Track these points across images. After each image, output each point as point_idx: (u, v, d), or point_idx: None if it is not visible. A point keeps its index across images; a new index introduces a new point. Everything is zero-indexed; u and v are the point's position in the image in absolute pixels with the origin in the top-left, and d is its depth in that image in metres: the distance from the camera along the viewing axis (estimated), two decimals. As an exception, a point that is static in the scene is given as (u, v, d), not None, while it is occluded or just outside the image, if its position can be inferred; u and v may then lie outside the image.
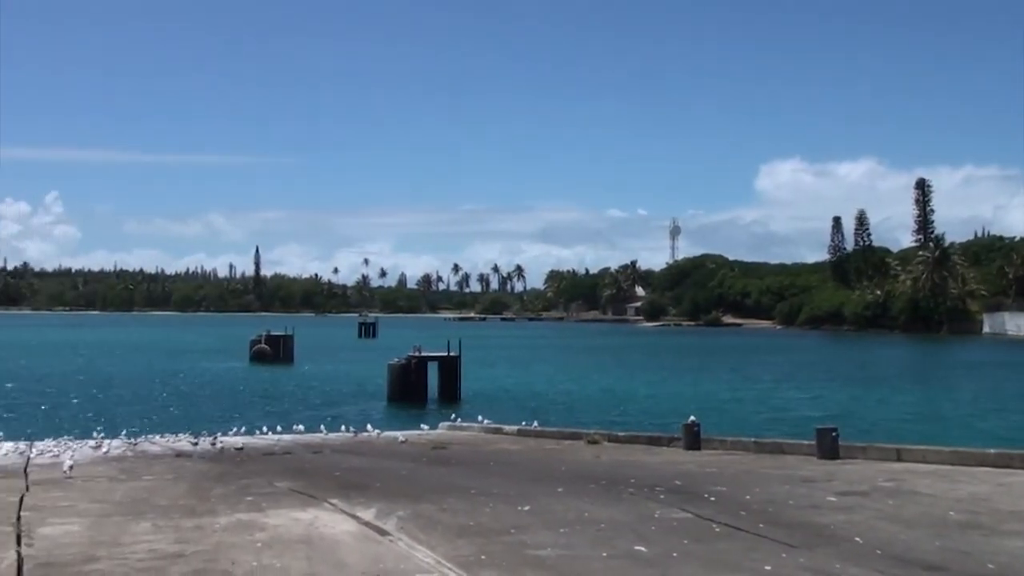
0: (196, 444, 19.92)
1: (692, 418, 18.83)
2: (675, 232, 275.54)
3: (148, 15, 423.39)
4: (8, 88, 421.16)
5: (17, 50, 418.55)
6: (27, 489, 13.20)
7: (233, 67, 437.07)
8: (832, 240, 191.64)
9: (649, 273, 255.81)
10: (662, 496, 12.16)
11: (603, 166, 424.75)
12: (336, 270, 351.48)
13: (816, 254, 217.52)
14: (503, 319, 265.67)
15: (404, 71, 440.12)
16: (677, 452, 18.02)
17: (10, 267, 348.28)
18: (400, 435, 21.88)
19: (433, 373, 51.53)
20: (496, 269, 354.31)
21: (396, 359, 51.40)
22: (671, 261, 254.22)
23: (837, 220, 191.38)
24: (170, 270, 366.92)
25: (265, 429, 23.12)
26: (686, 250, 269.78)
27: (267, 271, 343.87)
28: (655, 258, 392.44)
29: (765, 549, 9.10)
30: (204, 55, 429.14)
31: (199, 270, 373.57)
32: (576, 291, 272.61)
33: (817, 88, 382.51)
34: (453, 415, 27.32)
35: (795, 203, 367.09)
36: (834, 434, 16.31)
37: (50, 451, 18.32)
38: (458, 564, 8.44)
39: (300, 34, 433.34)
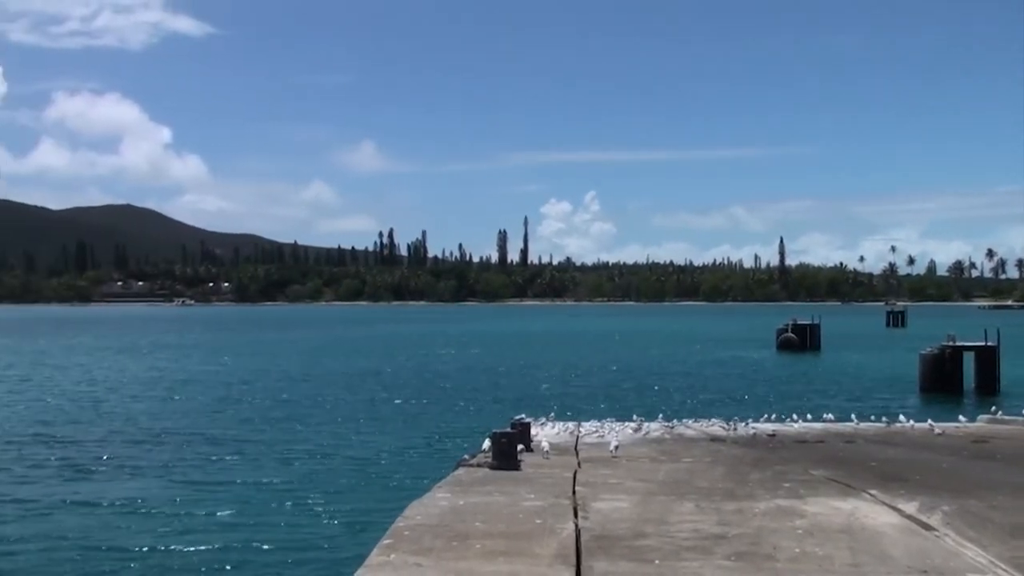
0: (728, 429, 20.29)
1: None
2: None
3: (655, 26, 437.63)
4: (557, 98, 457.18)
5: (541, 64, 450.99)
6: (579, 466, 14.20)
7: (748, 64, 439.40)
8: None
9: None
10: None
11: None
12: (861, 258, 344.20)
13: None
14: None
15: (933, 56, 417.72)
16: None
17: (555, 262, 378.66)
18: (936, 427, 20.82)
19: (969, 363, 48.41)
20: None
21: (928, 348, 48.96)
22: None
23: None
24: (697, 262, 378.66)
25: (795, 416, 23.03)
26: None
27: (791, 261, 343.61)
28: None
29: None
30: (720, 56, 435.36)
31: (725, 261, 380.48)
32: None
33: None
34: (993, 407, 25.46)
35: None
36: None
37: (595, 431, 19.55)
38: (1015, 567, 7.90)
39: (832, 30, 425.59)
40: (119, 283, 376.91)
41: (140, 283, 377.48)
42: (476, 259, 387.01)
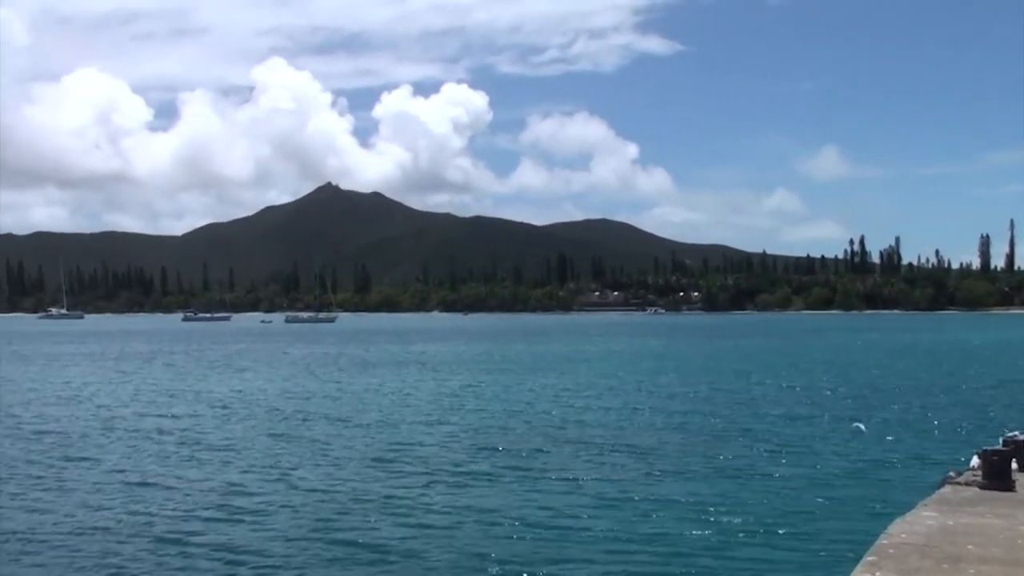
0: None
1: None
2: None
3: None
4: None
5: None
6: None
7: None
8: None
9: None
10: None
11: None
12: None
13: None
14: None
15: None
16: None
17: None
18: None
19: None
20: None
21: None
22: None
23: None
24: None
25: None
26: None
27: None
28: None
29: None
30: None
31: None
32: None
33: None
34: None
35: None
36: None
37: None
38: None
39: None
40: (596, 293, 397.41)
41: (615, 293, 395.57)
42: (955, 265, 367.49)
